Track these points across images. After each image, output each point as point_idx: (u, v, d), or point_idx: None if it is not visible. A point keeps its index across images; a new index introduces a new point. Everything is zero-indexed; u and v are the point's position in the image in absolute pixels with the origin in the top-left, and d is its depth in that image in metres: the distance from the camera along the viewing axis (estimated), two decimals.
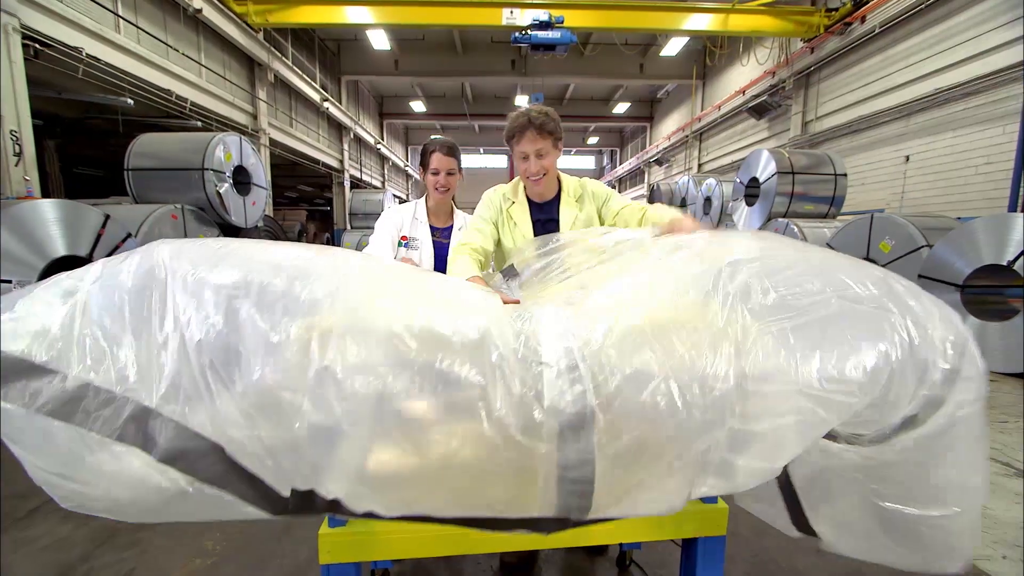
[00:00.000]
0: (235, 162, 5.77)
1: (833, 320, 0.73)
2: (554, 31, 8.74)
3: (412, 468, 0.66)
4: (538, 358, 0.68)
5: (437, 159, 1.92)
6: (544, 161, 1.61)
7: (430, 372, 0.66)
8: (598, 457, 0.65)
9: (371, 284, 0.77)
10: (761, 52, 10.76)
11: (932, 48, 7.08)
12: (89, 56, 5.79)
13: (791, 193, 6.97)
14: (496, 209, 1.75)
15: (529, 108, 1.61)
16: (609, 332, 0.71)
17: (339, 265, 0.78)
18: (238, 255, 0.73)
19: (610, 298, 0.82)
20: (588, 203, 1.73)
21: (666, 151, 17.41)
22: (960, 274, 4.18)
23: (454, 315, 0.72)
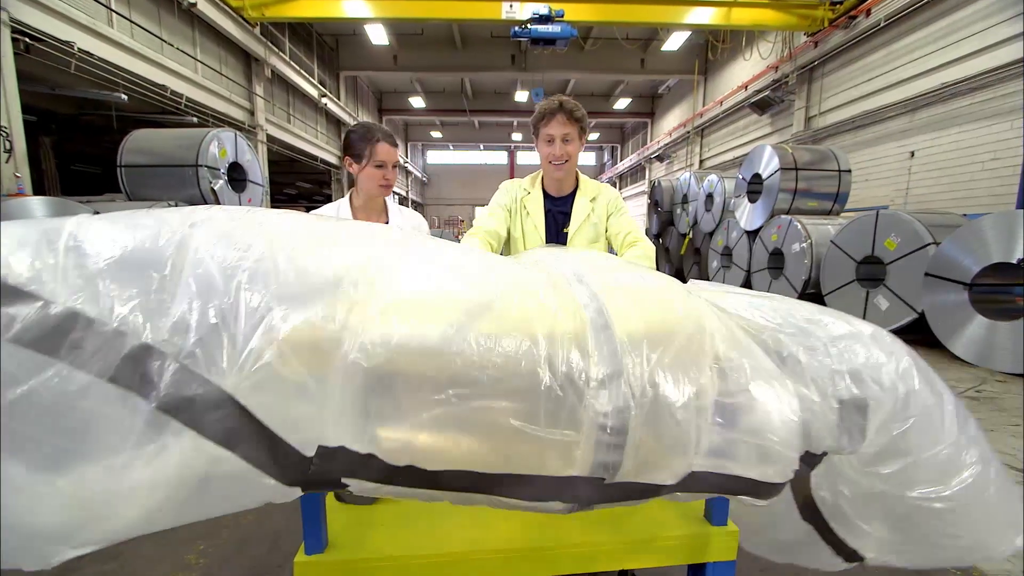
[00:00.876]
0: (230, 158, 5.68)
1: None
2: (554, 25, 8.63)
3: (457, 416, 0.61)
4: (578, 308, 0.68)
5: (384, 150, 1.62)
6: (569, 147, 1.65)
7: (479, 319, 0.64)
8: (633, 406, 0.64)
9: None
10: (764, 46, 10.64)
11: (938, 42, 6.97)
12: (81, 51, 5.70)
13: (794, 189, 6.88)
14: (512, 197, 1.78)
15: (560, 96, 1.67)
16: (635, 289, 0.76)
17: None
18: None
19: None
20: (601, 206, 1.76)
21: (667, 147, 17.30)
22: (968, 272, 4.10)
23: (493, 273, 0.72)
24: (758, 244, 7.19)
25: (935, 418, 0.74)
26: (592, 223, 1.74)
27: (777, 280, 6.72)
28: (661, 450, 0.65)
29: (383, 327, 0.58)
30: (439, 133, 23.65)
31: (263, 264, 0.59)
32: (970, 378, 3.68)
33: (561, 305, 0.68)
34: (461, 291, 0.66)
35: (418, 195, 25.76)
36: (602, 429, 0.62)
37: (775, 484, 0.70)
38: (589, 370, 0.63)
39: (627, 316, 0.69)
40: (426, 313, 0.62)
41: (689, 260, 10.29)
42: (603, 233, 1.76)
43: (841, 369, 0.73)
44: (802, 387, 0.70)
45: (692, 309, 0.73)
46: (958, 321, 4.16)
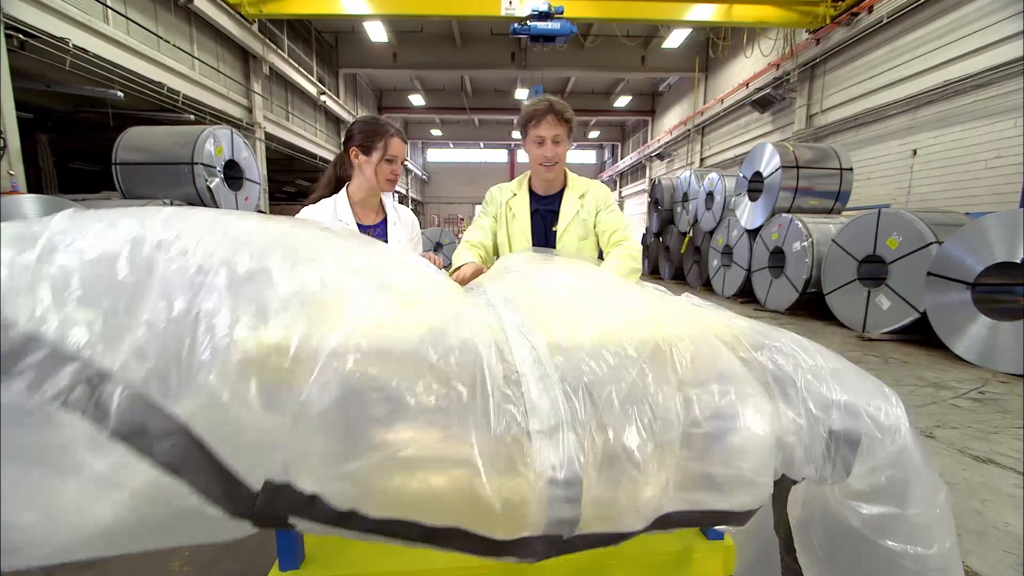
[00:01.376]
0: (226, 156, 5.64)
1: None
2: (553, 22, 8.57)
3: (398, 462, 0.58)
4: (513, 364, 0.63)
5: (397, 145, 1.61)
6: (559, 148, 1.63)
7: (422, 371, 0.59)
8: (583, 458, 0.59)
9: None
10: (765, 44, 10.57)
11: (941, 39, 6.91)
12: (76, 47, 5.65)
13: (795, 188, 6.83)
14: (497, 203, 1.78)
15: (549, 97, 1.64)
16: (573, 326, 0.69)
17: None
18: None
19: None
20: (591, 203, 1.73)
21: (668, 145, 17.23)
22: (971, 272, 4.05)
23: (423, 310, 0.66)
24: (759, 243, 7.14)
25: (924, 478, 0.70)
26: (581, 220, 1.71)
27: (778, 279, 6.68)
28: (623, 498, 0.60)
29: (335, 360, 0.55)
30: (439, 131, 23.59)
31: (225, 283, 0.56)
32: (972, 379, 3.64)
33: (487, 343, 0.63)
34: (412, 329, 0.62)
35: (418, 193, 25.70)
36: (552, 484, 0.57)
37: (750, 511, 0.66)
38: (528, 422, 0.58)
39: (568, 348, 0.63)
40: (376, 349, 0.58)
41: (689, 259, 10.24)
42: (592, 230, 1.74)
43: (838, 399, 0.68)
44: (789, 409, 0.66)
45: (653, 326, 0.68)
46: (960, 321, 4.12)
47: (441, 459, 0.57)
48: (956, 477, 2.12)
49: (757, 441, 0.62)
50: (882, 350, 4.58)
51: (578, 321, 0.70)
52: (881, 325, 5.01)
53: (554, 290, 0.82)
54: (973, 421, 2.79)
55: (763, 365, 0.70)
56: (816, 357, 0.73)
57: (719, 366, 0.66)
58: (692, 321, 0.75)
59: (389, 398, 0.56)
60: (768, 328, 0.79)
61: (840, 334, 5.32)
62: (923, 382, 3.55)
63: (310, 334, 0.55)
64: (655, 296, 0.83)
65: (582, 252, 1.72)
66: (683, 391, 0.63)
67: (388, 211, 1.75)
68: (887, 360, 4.19)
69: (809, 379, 0.69)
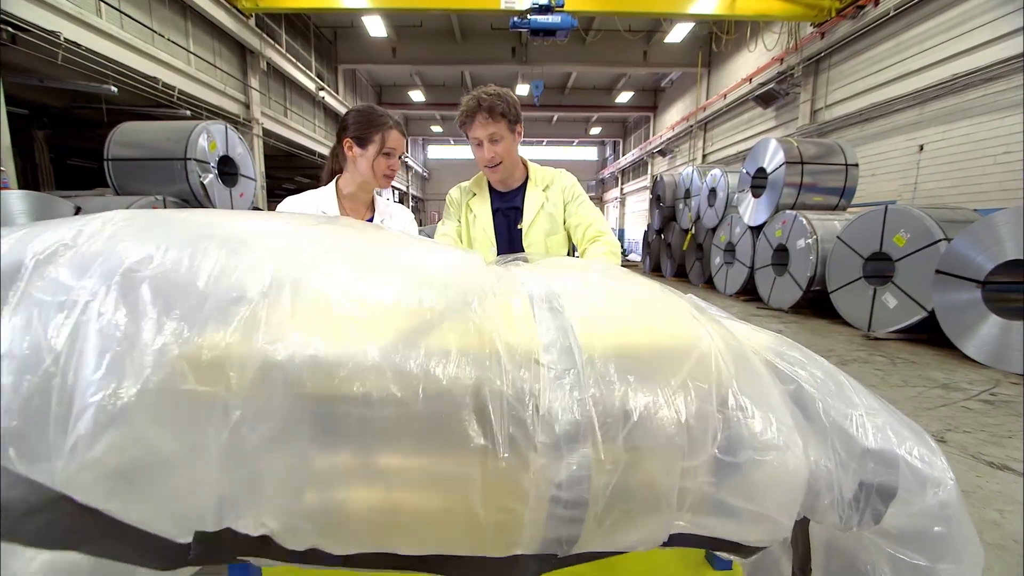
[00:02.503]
0: (220, 152, 5.55)
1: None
2: (554, 15, 8.43)
3: (375, 489, 0.50)
4: (534, 350, 0.53)
5: (396, 138, 1.48)
6: (498, 147, 1.48)
7: (400, 361, 0.49)
8: (594, 473, 0.51)
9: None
10: (769, 38, 10.42)
11: (949, 32, 6.76)
12: (68, 41, 5.55)
13: (799, 184, 6.72)
14: (457, 206, 1.66)
15: (481, 90, 1.46)
16: (607, 316, 0.60)
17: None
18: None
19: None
20: (556, 194, 1.60)
21: (670, 141, 17.07)
22: (981, 270, 3.94)
23: (423, 283, 0.56)
24: (762, 240, 7.03)
25: (963, 538, 0.61)
26: (547, 214, 1.58)
27: (781, 277, 6.57)
28: (631, 520, 0.52)
29: (275, 371, 0.45)
30: (439, 128, 23.46)
31: (118, 302, 0.44)
32: (983, 380, 3.54)
33: (512, 331, 0.54)
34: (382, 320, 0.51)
35: (418, 190, 25.61)
36: (555, 503, 0.49)
37: (762, 547, 0.58)
38: (536, 432, 0.49)
39: (605, 354, 0.54)
40: (334, 358, 0.48)
41: (691, 256, 10.14)
42: (561, 224, 1.61)
43: (874, 446, 0.58)
44: (821, 449, 0.57)
45: (697, 340, 0.58)
46: (970, 320, 4.01)
47: (425, 480, 0.49)
48: (971, 485, 2.03)
49: (786, 478, 0.53)
50: (889, 350, 4.48)
51: (604, 321, 0.60)
52: (887, 324, 4.91)
53: (571, 287, 0.72)
54: (986, 424, 2.69)
55: (797, 397, 0.61)
56: (853, 395, 0.63)
57: (759, 390, 0.57)
58: (731, 335, 0.65)
59: (350, 414, 0.47)
60: (803, 353, 0.68)
61: (845, 333, 5.22)
62: (932, 383, 3.45)
63: (239, 344, 0.46)
64: (684, 301, 0.73)
65: (551, 251, 1.59)
66: (720, 412, 0.54)
67: (377, 208, 1.62)
68: (894, 360, 4.09)
69: (844, 418, 0.60)
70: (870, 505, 0.57)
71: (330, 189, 1.56)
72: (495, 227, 1.60)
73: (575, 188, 1.63)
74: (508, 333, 0.53)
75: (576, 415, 0.50)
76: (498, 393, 0.49)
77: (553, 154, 27.29)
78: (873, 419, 0.62)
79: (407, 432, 0.48)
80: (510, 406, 0.49)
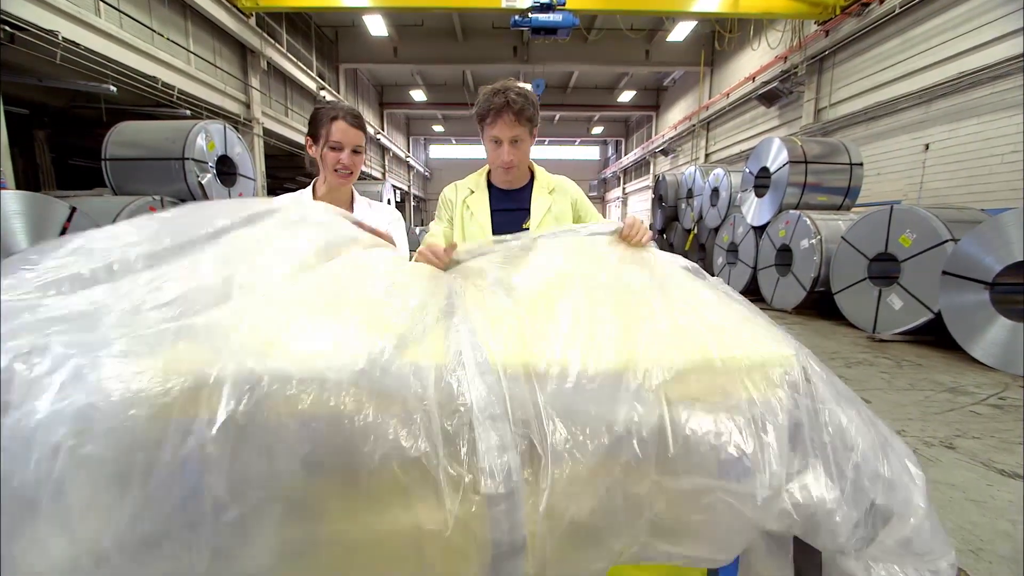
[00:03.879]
0: (218, 151, 5.52)
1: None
2: (555, 14, 8.37)
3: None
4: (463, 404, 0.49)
5: (340, 130, 1.39)
6: (519, 149, 1.44)
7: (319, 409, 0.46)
8: (536, 526, 0.47)
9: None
10: (773, 36, 10.33)
11: (955, 29, 6.68)
12: (66, 40, 5.53)
13: (803, 184, 6.64)
14: (451, 206, 1.59)
15: (507, 86, 1.38)
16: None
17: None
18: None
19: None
20: (563, 199, 1.57)
21: (672, 141, 16.99)
22: (989, 271, 3.87)
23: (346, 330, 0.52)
24: (765, 240, 6.96)
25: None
26: (554, 216, 1.53)
27: (785, 277, 6.50)
28: (578, 557, 0.48)
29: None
30: (441, 127, 23.41)
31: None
32: (991, 383, 3.47)
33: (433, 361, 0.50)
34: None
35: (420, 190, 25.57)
36: (497, 549, 0.46)
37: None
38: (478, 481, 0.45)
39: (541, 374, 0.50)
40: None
41: (694, 256, 10.07)
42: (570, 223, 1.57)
43: (874, 471, 0.54)
44: (819, 474, 0.52)
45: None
46: (978, 322, 3.94)
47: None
48: (982, 494, 1.97)
49: (736, 505, 0.48)
50: (894, 352, 4.41)
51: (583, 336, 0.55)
52: (892, 326, 4.84)
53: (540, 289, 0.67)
54: (995, 430, 2.63)
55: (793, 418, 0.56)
56: (841, 414, 0.58)
57: (728, 404, 0.52)
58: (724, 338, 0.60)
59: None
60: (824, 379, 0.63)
61: (850, 334, 5.15)
62: (939, 387, 3.38)
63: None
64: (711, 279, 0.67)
65: None
66: (674, 429, 0.49)
67: (356, 208, 1.57)
68: (900, 363, 4.02)
69: (838, 443, 0.55)
70: (868, 528, 0.52)
71: (307, 192, 1.53)
72: (494, 227, 1.54)
73: (583, 195, 1.60)
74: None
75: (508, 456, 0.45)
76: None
77: (555, 153, 27.20)
78: (865, 440, 0.57)
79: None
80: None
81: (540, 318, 0.59)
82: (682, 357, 0.53)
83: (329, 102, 1.49)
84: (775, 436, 0.49)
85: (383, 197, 11.75)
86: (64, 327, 0.43)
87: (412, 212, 22.33)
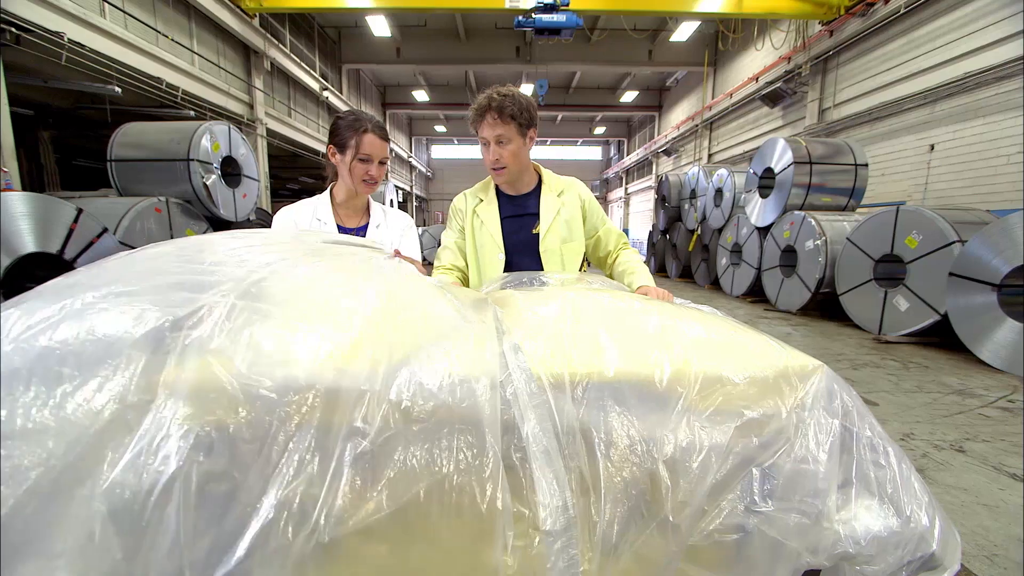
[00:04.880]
0: (223, 152, 5.52)
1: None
2: (559, 14, 8.36)
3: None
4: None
5: (370, 142, 1.42)
6: (504, 149, 1.41)
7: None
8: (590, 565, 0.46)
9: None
10: (776, 36, 10.30)
11: (961, 29, 6.65)
12: (71, 41, 5.54)
13: (808, 184, 6.62)
14: (462, 215, 1.57)
15: (493, 89, 1.40)
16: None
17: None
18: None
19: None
20: (573, 200, 1.54)
21: (675, 141, 16.96)
22: (997, 273, 3.85)
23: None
24: (769, 241, 6.94)
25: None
26: (564, 220, 1.51)
27: (789, 278, 6.48)
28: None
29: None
30: (443, 127, 23.41)
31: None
32: (999, 386, 3.45)
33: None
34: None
35: (422, 190, 25.58)
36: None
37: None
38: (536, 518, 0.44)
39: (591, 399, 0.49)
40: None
41: (697, 257, 10.04)
42: (576, 232, 1.54)
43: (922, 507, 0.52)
44: (869, 503, 0.50)
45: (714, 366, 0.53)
46: (986, 324, 3.92)
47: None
48: (994, 499, 1.95)
49: (782, 535, 0.47)
50: (900, 353, 4.39)
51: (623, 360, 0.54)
52: (898, 327, 4.82)
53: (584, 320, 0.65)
54: (1005, 433, 2.61)
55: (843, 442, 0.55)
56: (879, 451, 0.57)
57: (776, 426, 0.51)
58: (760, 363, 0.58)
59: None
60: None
61: (856, 336, 5.13)
62: (947, 389, 3.37)
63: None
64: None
65: (565, 258, 1.52)
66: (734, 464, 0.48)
67: (372, 214, 1.57)
68: (907, 365, 4.00)
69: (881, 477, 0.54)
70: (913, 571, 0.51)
71: (324, 197, 1.54)
72: (504, 233, 1.52)
73: (592, 199, 1.58)
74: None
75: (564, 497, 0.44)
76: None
77: (557, 154, 27.19)
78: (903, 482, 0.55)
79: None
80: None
81: (583, 342, 0.58)
82: (727, 374, 0.52)
83: (353, 112, 1.49)
84: (826, 460, 0.49)
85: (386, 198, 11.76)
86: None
87: (414, 212, 22.34)
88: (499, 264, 1.48)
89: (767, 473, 0.46)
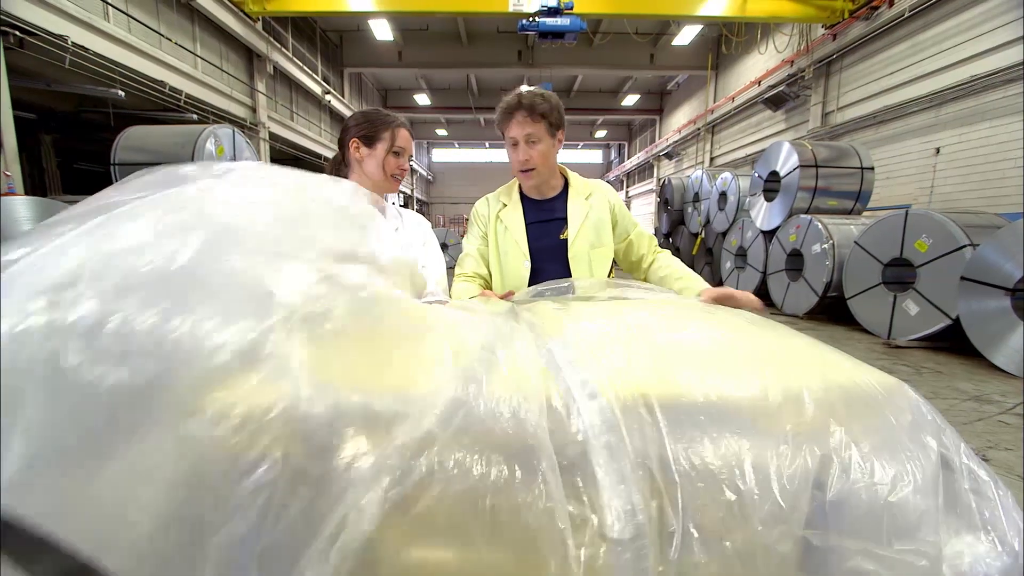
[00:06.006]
0: (227, 156, 5.50)
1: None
2: (563, 18, 8.36)
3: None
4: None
5: (404, 138, 1.43)
6: (534, 149, 1.37)
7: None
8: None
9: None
10: (780, 40, 10.30)
11: (967, 33, 6.64)
12: (75, 45, 5.52)
13: (814, 188, 6.59)
14: (484, 220, 1.52)
15: (523, 88, 1.37)
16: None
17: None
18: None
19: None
20: (601, 204, 1.49)
21: (676, 144, 16.96)
22: (1010, 277, 3.81)
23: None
24: (775, 244, 6.90)
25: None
26: (592, 224, 1.46)
27: (796, 282, 6.44)
28: None
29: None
30: (444, 131, 23.44)
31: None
32: (1014, 391, 3.41)
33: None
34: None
35: (423, 193, 25.60)
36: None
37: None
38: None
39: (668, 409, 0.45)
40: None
41: (701, 260, 10.01)
42: (605, 237, 1.48)
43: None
44: (978, 537, 0.45)
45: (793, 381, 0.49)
46: (999, 329, 3.88)
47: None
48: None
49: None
50: (912, 358, 4.35)
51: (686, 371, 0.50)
52: (908, 331, 4.78)
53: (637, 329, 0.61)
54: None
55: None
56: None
57: (874, 443, 0.47)
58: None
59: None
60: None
61: (865, 340, 5.09)
62: (963, 395, 3.32)
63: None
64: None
65: (594, 264, 1.46)
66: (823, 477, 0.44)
67: (388, 214, 1.53)
68: (920, 370, 3.96)
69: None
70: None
71: None
72: (529, 238, 1.46)
73: (621, 203, 1.53)
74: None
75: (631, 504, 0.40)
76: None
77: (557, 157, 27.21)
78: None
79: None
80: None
81: (635, 338, 0.54)
82: (819, 385, 0.48)
83: (379, 109, 1.48)
84: (931, 485, 0.44)
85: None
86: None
87: None
88: (524, 271, 1.43)
89: (876, 509, 0.42)
